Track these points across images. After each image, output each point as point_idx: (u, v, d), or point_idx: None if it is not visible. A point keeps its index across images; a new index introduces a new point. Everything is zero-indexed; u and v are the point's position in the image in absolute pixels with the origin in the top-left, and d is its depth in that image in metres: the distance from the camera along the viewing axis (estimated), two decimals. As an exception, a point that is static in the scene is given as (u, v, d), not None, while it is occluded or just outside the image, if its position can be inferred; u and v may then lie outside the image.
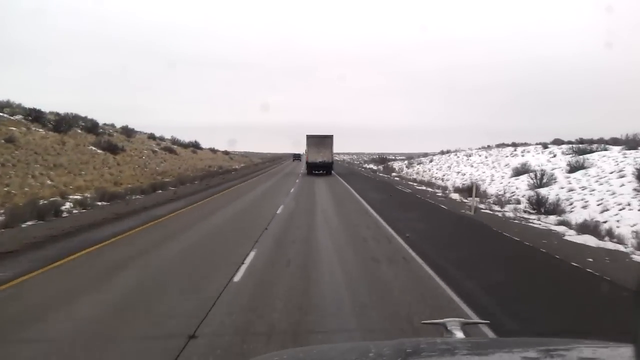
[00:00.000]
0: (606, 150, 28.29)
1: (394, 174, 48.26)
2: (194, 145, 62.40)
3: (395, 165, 60.52)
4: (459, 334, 1.79)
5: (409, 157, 77.40)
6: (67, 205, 17.18)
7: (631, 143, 27.93)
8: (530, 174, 24.96)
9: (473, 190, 16.76)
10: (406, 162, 62.52)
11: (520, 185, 25.22)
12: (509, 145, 46.24)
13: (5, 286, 6.84)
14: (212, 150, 71.46)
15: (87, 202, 17.73)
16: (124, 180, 27.49)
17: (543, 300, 6.56)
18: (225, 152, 79.18)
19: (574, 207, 18.40)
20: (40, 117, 35.56)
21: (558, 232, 12.95)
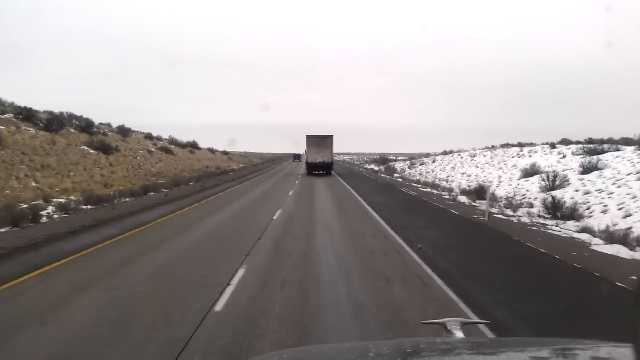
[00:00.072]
0: (619, 150, 27.23)
1: (396, 174, 47.17)
2: (192, 145, 61.51)
3: (397, 166, 59.35)
4: (459, 334, 1.75)
5: (411, 157, 76.18)
6: (49, 210, 16.05)
7: (646, 143, 26.74)
8: (542, 176, 23.72)
9: (487, 194, 15.44)
10: (408, 162, 61.27)
11: (531, 188, 23.99)
12: (514, 145, 45.00)
13: None
14: (210, 150, 70.39)
15: (71, 206, 16.55)
16: (115, 182, 26.30)
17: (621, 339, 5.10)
18: (224, 153, 78.11)
19: (593, 212, 17.18)
20: (32, 116, 34.45)
21: (583, 241, 11.84)
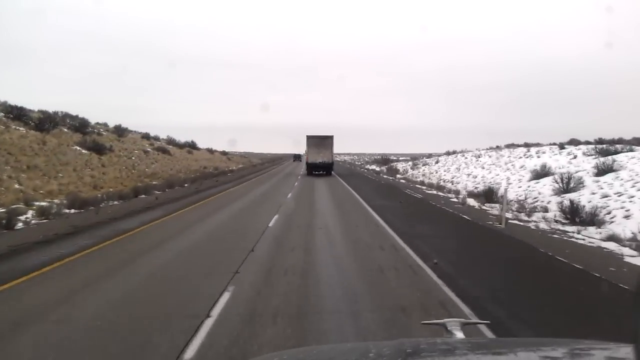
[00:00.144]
0: (632, 151, 26.12)
1: (398, 175, 46.01)
2: (190, 145, 60.35)
3: (398, 167, 58.12)
4: (459, 334, 1.73)
5: (413, 157, 74.92)
6: (28, 214, 14.87)
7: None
8: (554, 178, 22.50)
9: (503, 199, 14.13)
10: (410, 163, 60.04)
11: (542, 190, 22.76)
12: (520, 145, 43.81)
13: None
14: (209, 150, 69.21)
15: (52, 210, 15.35)
16: (106, 183, 25.10)
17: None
18: (223, 153, 76.92)
19: (614, 217, 15.94)
20: (23, 115, 33.27)
21: (611, 251, 10.69)
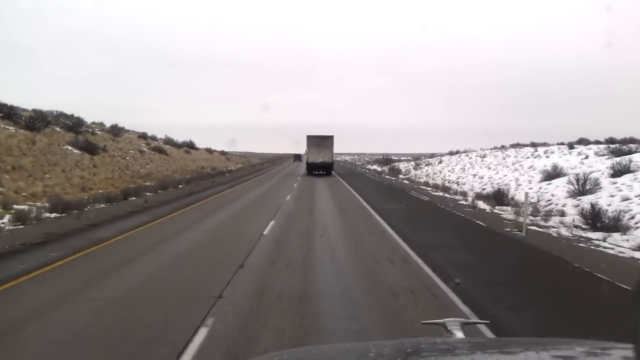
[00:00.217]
0: (647, 151, 24.99)
1: (401, 176, 44.85)
2: (188, 145, 59.17)
3: (401, 167, 56.91)
4: (459, 334, 1.73)
5: (415, 157, 73.74)
6: (5, 219, 13.71)
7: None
8: (570, 178, 21.29)
9: (525, 204, 12.86)
10: (412, 163, 58.82)
11: (556, 192, 21.56)
12: (527, 145, 42.60)
13: None
14: (208, 150, 68.01)
15: (32, 214, 14.17)
16: (95, 184, 23.93)
17: None
18: (222, 153, 75.70)
19: (639, 222, 14.74)
20: (13, 114, 32.14)
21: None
